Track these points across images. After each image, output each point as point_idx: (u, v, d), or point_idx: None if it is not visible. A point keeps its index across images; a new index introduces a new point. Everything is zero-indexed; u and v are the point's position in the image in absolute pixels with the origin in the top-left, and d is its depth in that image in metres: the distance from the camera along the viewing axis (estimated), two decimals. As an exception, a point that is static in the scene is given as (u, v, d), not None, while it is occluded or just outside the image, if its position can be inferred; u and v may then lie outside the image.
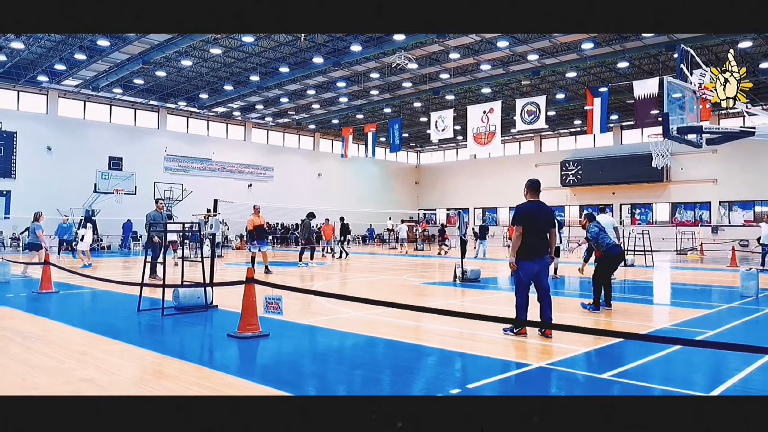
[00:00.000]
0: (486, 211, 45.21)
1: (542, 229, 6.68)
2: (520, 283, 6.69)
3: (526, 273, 6.61)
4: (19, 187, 29.06)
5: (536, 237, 6.62)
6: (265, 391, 4.43)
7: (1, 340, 6.32)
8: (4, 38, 22.65)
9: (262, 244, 15.39)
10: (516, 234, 6.60)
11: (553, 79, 29.36)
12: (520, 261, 6.60)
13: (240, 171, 38.25)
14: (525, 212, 6.67)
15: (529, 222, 6.60)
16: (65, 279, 12.56)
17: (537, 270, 6.64)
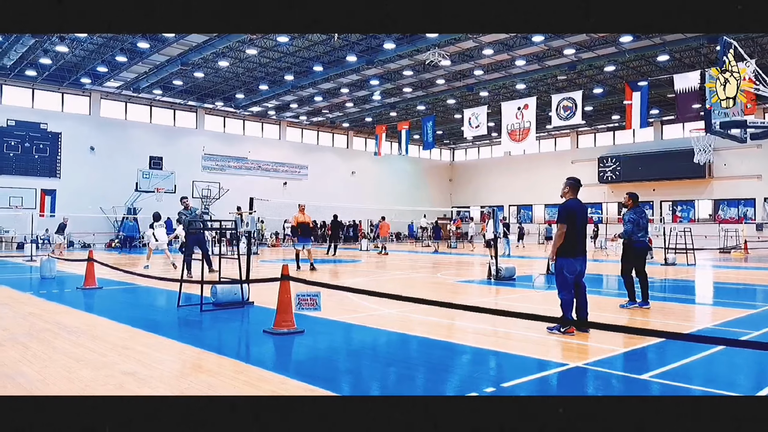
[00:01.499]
0: (520, 208, 44.66)
1: (583, 228, 6.74)
2: (564, 281, 6.62)
3: (569, 270, 6.58)
4: (64, 186, 30.10)
5: (579, 235, 6.65)
6: (300, 386, 4.49)
7: (48, 334, 6.57)
8: (49, 42, 23.46)
9: (305, 241, 15.55)
10: (559, 232, 6.59)
11: (591, 73, 28.79)
12: (564, 259, 6.58)
13: (275, 169, 38.73)
14: (570, 210, 6.66)
15: (573, 220, 6.61)
16: (108, 275, 12.95)
17: (580, 268, 6.65)
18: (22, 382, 4.50)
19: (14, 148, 29.00)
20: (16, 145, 29.04)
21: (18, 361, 5.20)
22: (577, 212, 6.66)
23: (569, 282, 6.60)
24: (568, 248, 6.57)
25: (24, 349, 5.70)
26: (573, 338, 6.32)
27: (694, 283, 14.17)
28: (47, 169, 29.97)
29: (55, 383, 4.50)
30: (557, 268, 6.64)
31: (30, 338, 6.27)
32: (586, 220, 6.80)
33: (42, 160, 29.83)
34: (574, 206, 6.70)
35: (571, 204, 6.73)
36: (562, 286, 6.64)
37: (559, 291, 6.68)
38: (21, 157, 29.19)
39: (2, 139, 28.66)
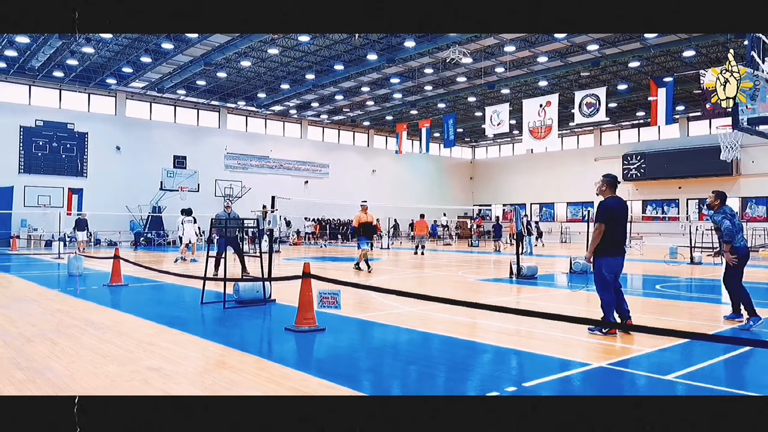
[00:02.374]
0: (542, 206, 44.24)
1: (623, 226, 6.59)
2: (603, 280, 6.45)
3: (609, 269, 6.43)
4: (90, 185, 30.69)
5: (617, 234, 6.49)
6: (322, 383, 4.52)
7: (75, 330, 6.71)
8: (75, 44, 23.93)
9: (363, 241, 15.20)
10: (598, 231, 6.42)
11: (615, 69, 28.38)
12: (604, 258, 6.42)
13: (296, 168, 38.97)
14: (610, 208, 6.49)
15: (613, 218, 6.44)
16: (134, 272, 13.18)
17: (620, 266, 6.53)
18: (51, 377, 4.61)
19: (42, 147, 29.66)
20: (44, 144, 29.70)
21: (47, 357, 5.33)
22: (617, 210, 6.49)
23: (609, 282, 6.43)
24: (608, 247, 6.41)
25: (52, 345, 5.84)
26: (603, 338, 6.25)
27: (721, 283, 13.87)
28: (74, 169, 30.59)
29: (82, 378, 4.60)
30: (596, 268, 6.46)
31: (58, 334, 6.41)
32: (627, 217, 6.64)
33: (69, 160, 30.45)
34: (613, 204, 6.52)
35: (611, 202, 6.55)
36: (602, 286, 6.47)
37: (600, 292, 6.50)
38: (49, 156, 29.84)
39: (31, 139, 29.32)
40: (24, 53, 25.45)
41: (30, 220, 28.84)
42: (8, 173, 28.58)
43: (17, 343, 5.90)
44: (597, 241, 6.43)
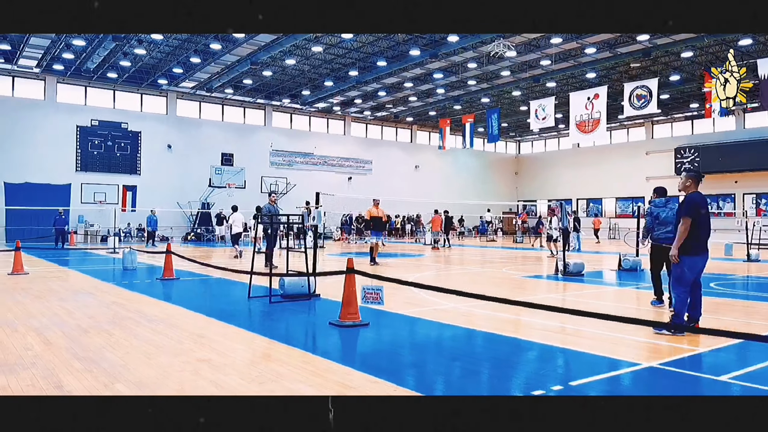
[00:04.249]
0: (590, 202, 43.19)
1: (709, 223, 6.28)
2: (682, 277, 6.19)
3: (692, 269, 6.17)
4: (143, 182, 31.79)
5: (704, 231, 6.21)
6: (365, 377, 4.56)
7: (130, 322, 6.99)
8: (128, 45, 24.79)
9: (376, 234, 15.91)
10: (684, 226, 6.12)
11: (666, 60, 27.41)
12: (687, 257, 6.15)
13: (340, 164, 39.29)
14: (698, 203, 6.18)
15: (699, 214, 6.14)
16: (185, 267, 13.59)
17: (702, 267, 6.26)
18: (106, 367, 4.81)
19: (98, 146, 30.90)
20: (99, 143, 30.93)
21: (102, 347, 5.57)
22: (703, 206, 6.21)
23: (689, 281, 6.19)
24: (694, 245, 6.15)
25: (108, 336, 6.09)
26: (655, 338, 6.08)
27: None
28: (128, 167, 31.74)
29: (135, 368, 4.78)
30: (680, 266, 6.20)
31: (113, 326, 6.69)
32: (709, 215, 6.36)
33: (123, 158, 31.62)
34: (699, 200, 6.22)
35: (698, 197, 6.25)
36: (679, 282, 6.22)
37: (675, 287, 6.27)
38: (104, 155, 31.07)
39: (87, 138, 30.59)
40: (80, 55, 26.54)
41: (87, 216, 30.13)
42: (66, 171, 29.91)
43: (75, 334, 6.18)
44: (684, 236, 6.12)
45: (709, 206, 6.47)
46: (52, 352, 5.32)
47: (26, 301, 8.57)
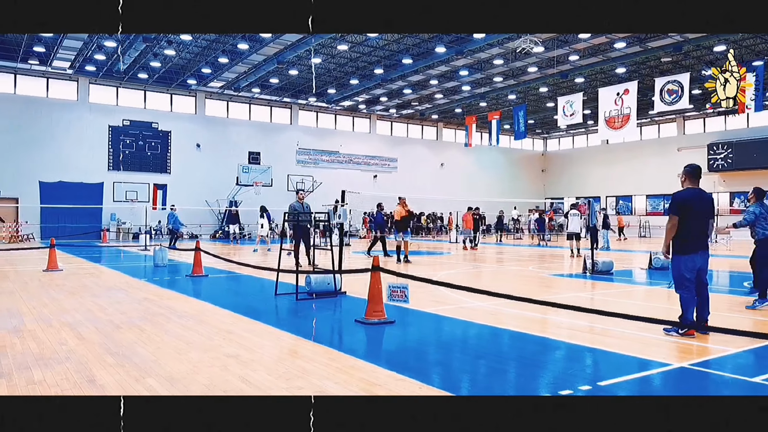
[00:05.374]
0: (619, 199, 42.45)
1: (701, 221, 6.11)
2: (681, 278, 6.07)
3: (687, 268, 6.04)
4: (173, 180, 32.35)
5: (696, 229, 6.06)
6: (391, 375, 4.57)
7: (160, 318, 7.13)
8: (158, 46, 25.24)
9: (405, 233, 15.74)
10: (670, 224, 6.06)
11: (699, 54, 26.77)
12: (678, 256, 6.06)
13: (366, 162, 39.38)
14: (683, 201, 6.08)
15: (688, 212, 6.03)
16: (213, 264, 13.80)
17: (699, 264, 6.09)
18: (138, 362, 4.92)
19: (129, 146, 31.55)
20: (131, 143, 31.58)
21: (134, 343, 5.69)
22: (693, 202, 6.06)
23: (687, 279, 6.05)
24: (682, 244, 6.03)
25: (140, 332, 6.23)
26: (680, 338, 5.96)
27: None
28: (159, 165, 32.35)
29: (166, 363, 4.88)
30: (674, 265, 6.11)
31: (145, 321, 6.84)
32: (709, 211, 6.21)
33: (154, 157, 32.23)
34: (689, 196, 6.11)
35: (686, 194, 6.15)
36: (679, 282, 6.11)
37: (677, 289, 6.15)
38: (135, 154, 31.71)
39: (119, 138, 31.25)
40: (111, 57, 27.12)
41: (118, 214, 30.81)
42: (99, 170, 30.61)
43: (108, 330, 6.34)
44: (671, 235, 6.06)
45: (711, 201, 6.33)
46: (86, 347, 5.46)
47: (61, 297, 8.81)
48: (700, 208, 6.10)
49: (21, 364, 4.80)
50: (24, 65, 28.22)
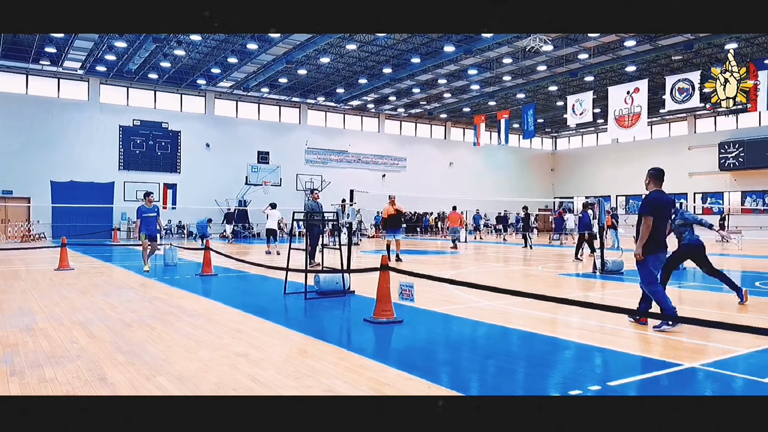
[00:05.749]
0: (629, 198, 42.20)
1: (667, 220, 6.55)
2: (651, 276, 6.33)
3: (656, 266, 6.37)
4: (183, 180, 32.54)
5: (662, 229, 6.41)
6: (400, 374, 4.57)
7: (171, 316, 7.17)
8: (168, 46, 25.38)
9: (395, 232, 15.68)
10: (645, 225, 6.25)
11: (710, 52, 26.55)
12: (653, 255, 6.28)
13: (374, 162, 39.41)
14: (656, 202, 6.33)
15: (659, 212, 6.31)
16: (223, 263, 13.86)
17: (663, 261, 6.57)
18: (148, 360, 4.96)
19: (140, 146, 31.76)
20: (141, 143, 31.79)
21: (144, 341, 5.73)
22: (662, 204, 6.35)
23: (656, 276, 6.38)
24: (656, 243, 6.26)
25: (150, 330, 6.27)
26: (700, 338, 5.91)
27: None
28: (169, 165, 32.55)
29: (176, 362, 4.91)
30: (645, 264, 6.28)
31: (155, 320, 6.88)
32: (669, 213, 6.64)
33: (164, 157, 32.44)
34: (659, 198, 6.38)
35: (655, 195, 6.40)
36: (650, 280, 6.33)
37: (648, 285, 6.33)
38: (146, 154, 31.92)
39: (129, 137, 31.47)
40: (122, 57, 27.30)
41: (129, 213, 31.00)
42: (109, 170, 30.85)
43: (118, 328, 6.38)
44: (647, 235, 6.24)
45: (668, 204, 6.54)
46: (97, 345, 5.50)
47: (72, 296, 8.88)
48: (665, 209, 6.45)
49: (33, 362, 4.84)
50: (35, 66, 28.49)
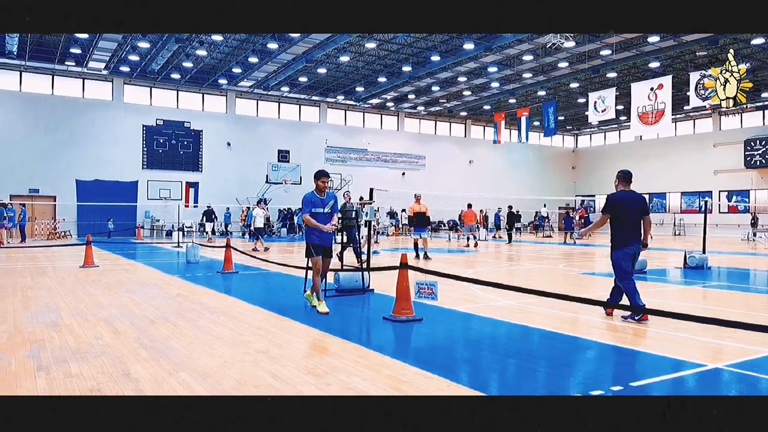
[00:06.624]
0: (653, 196, 41.55)
1: (633, 219, 6.92)
2: (622, 270, 6.82)
3: (626, 260, 6.83)
4: (205, 179, 32.91)
5: (628, 226, 6.88)
6: (420, 373, 4.57)
7: (193, 313, 7.26)
8: (190, 47, 25.67)
9: (421, 231, 15.67)
10: (600, 220, 7.11)
11: (736, 47, 25.97)
12: (616, 251, 6.89)
13: (394, 160, 39.39)
14: (614, 201, 6.96)
15: (618, 211, 6.88)
16: (243, 261, 13.99)
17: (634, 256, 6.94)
18: (172, 356, 5.03)
19: (162, 145, 32.20)
20: (164, 142, 32.23)
21: (168, 337, 5.82)
22: (624, 203, 6.89)
23: (628, 271, 6.80)
24: (619, 240, 6.85)
25: (173, 327, 6.36)
26: (722, 338, 5.81)
27: None
28: (191, 164, 32.95)
29: (198, 358, 4.98)
30: (614, 260, 6.89)
31: (178, 317, 6.97)
32: (640, 210, 6.98)
33: (186, 156, 32.84)
34: (619, 197, 6.96)
35: (617, 195, 7.00)
36: (622, 276, 6.82)
37: (621, 280, 6.82)
38: (168, 153, 32.35)
39: (152, 137, 31.92)
40: (145, 57, 27.68)
41: (152, 211, 31.48)
42: (133, 169, 31.33)
43: (142, 324, 6.48)
44: (595, 227, 7.41)
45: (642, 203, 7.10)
46: (121, 342, 5.60)
47: (97, 293, 9.05)
48: (632, 208, 6.93)
49: (59, 358, 4.95)
50: (61, 66, 29.04)
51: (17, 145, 28.46)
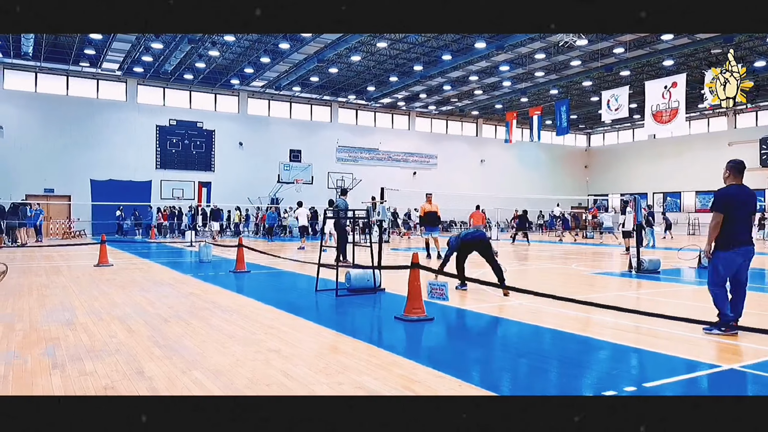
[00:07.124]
0: (667, 195, 41.16)
1: (746, 216, 5.95)
2: (715, 275, 5.94)
3: (725, 265, 5.88)
4: (217, 178, 33.13)
5: (739, 225, 5.88)
6: (431, 372, 4.57)
7: (205, 312, 7.31)
8: (203, 47, 25.84)
9: (432, 230, 15.64)
10: (714, 222, 5.89)
11: (751, 44, 25.68)
12: (719, 252, 5.88)
13: (405, 159, 39.37)
14: (727, 197, 5.90)
15: (731, 209, 5.85)
16: (255, 260, 14.06)
17: (739, 262, 5.90)
18: (185, 354, 5.07)
19: (176, 145, 32.45)
20: (177, 142, 32.48)
21: (181, 336, 5.86)
22: (737, 199, 5.89)
23: (722, 276, 5.91)
24: (726, 240, 5.84)
25: (186, 325, 6.41)
26: (730, 338, 5.75)
27: None
28: (203, 164, 33.18)
29: (211, 356, 5.01)
30: (712, 262, 5.94)
31: (191, 316, 7.03)
32: (752, 207, 6.03)
33: (199, 156, 33.07)
34: (732, 193, 5.92)
35: (730, 190, 5.95)
36: (712, 279, 5.97)
37: (711, 286, 5.98)
38: (181, 153, 32.61)
39: (165, 137, 32.17)
40: (158, 58, 27.91)
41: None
42: (147, 169, 31.60)
43: (155, 323, 6.54)
44: (716, 233, 5.87)
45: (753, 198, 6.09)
46: (135, 340, 5.65)
47: (111, 291, 9.14)
48: (743, 204, 5.93)
49: (73, 356, 5.01)
50: (75, 67, 29.36)
51: (33, 145, 28.83)
